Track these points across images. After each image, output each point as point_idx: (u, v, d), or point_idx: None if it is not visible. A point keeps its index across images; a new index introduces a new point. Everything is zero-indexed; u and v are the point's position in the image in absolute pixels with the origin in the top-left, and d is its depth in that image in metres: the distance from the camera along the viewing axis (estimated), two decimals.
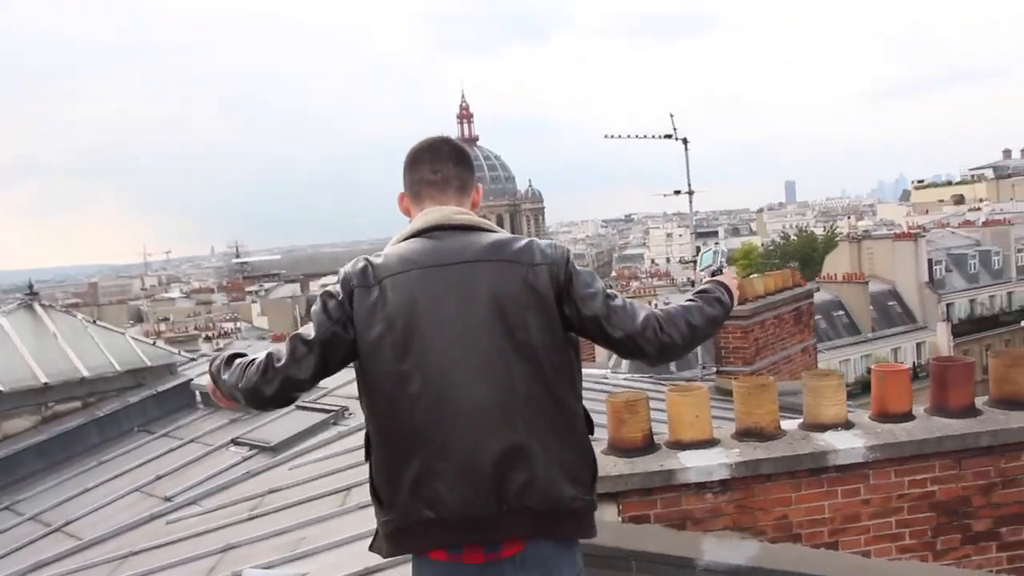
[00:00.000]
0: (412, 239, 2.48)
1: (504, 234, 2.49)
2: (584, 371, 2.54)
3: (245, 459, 8.15)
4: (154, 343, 10.97)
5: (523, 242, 2.45)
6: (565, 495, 2.34)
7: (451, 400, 2.30)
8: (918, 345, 45.92)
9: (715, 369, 10.71)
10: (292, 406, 7.97)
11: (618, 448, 4.05)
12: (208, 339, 51.06)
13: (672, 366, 14.19)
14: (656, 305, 34.31)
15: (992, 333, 49.69)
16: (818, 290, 23.69)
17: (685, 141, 10.17)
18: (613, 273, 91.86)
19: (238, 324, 59.14)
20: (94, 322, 11.08)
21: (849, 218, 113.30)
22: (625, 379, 10.87)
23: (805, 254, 72.18)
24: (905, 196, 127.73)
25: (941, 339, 47.49)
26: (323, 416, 8.25)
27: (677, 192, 10.42)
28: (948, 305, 48.76)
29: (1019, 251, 51.61)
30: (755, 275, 12.44)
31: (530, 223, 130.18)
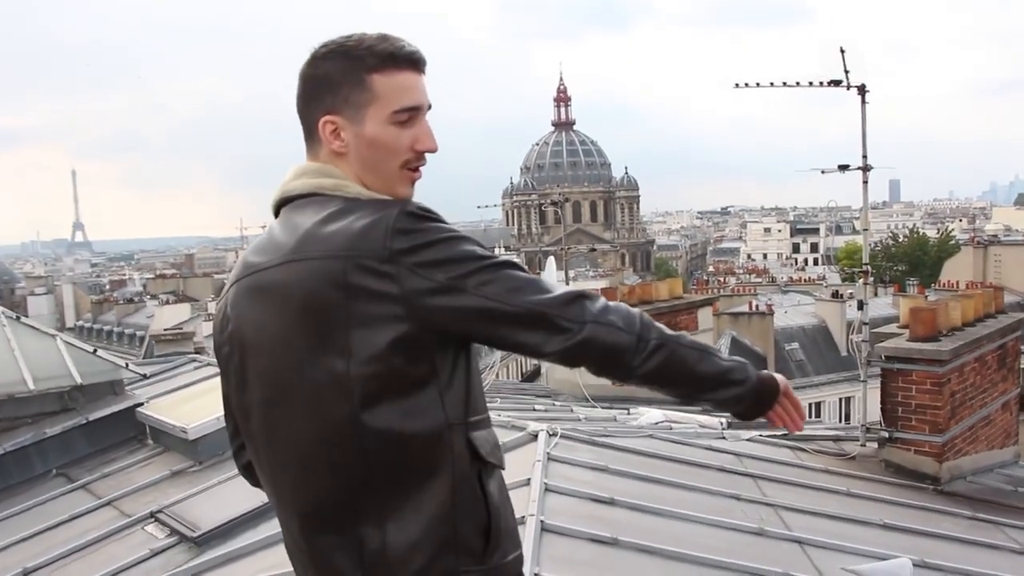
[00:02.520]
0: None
1: (335, 205, 1.81)
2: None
3: (154, 553, 5.18)
4: (95, 351, 7.86)
5: (345, 220, 1.76)
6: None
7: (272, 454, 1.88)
8: None
9: (886, 435, 7.32)
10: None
11: None
12: None
13: (814, 425, 10.70)
14: (757, 307, 30.45)
15: None
16: None
17: (862, 89, 6.80)
18: (710, 268, 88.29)
19: None
20: (18, 319, 8.12)
21: (960, 220, 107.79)
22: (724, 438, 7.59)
23: (916, 257, 68.02)
24: (1021, 200, 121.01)
25: None
26: None
27: (844, 167, 6.98)
28: None
29: None
30: (943, 296, 9.05)
31: (624, 211, 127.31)
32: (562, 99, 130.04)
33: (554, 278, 9.53)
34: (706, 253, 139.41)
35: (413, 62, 1.87)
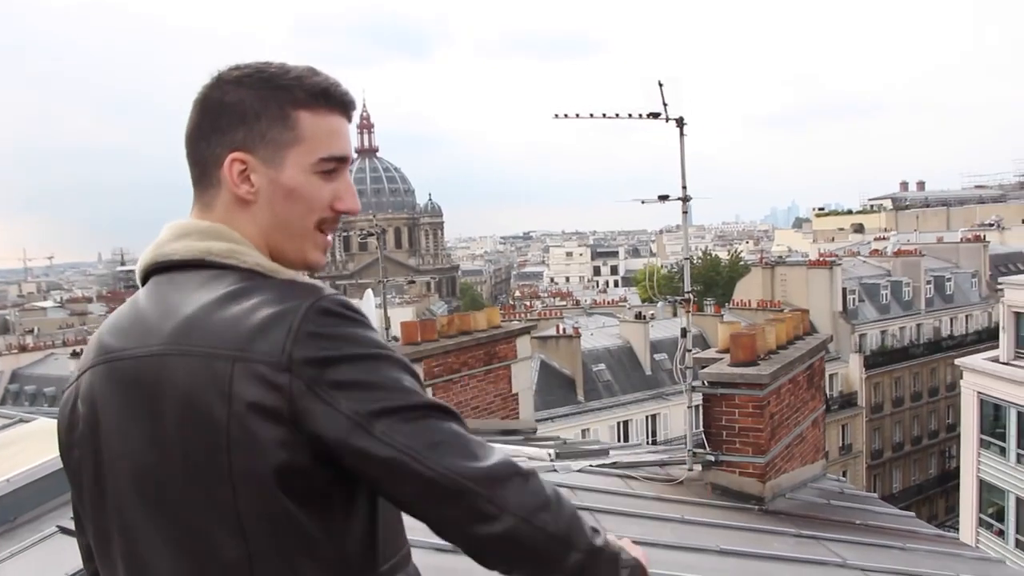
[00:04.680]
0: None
1: (228, 283, 1.44)
2: None
3: None
4: None
5: (241, 306, 1.39)
6: None
7: None
8: (831, 376, 44.35)
9: (711, 458, 7.43)
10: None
11: None
12: (76, 355, 46.91)
13: (638, 451, 10.88)
14: (564, 330, 31.09)
15: (902, 366, 48.89)
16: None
17: (680, 122, 6.88)
18: (515, 292, 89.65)
19: None
20: None
21: (747, 242, 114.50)
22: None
23: (709, 278, 71.42)
24: (797, 224, 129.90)
25: (854, 370, 46.43)
26: None
27: (664, 198, 7.06)
28: (861, 336, 47.57)
29: (928, 283, 50.89)
30: (758, 323, 9.35)
31: (429, 237, 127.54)
32: (365, 126, 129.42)
33: (373, 311, 9.23)
34: (510, 277, 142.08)
35: (344, 105, 1.57)
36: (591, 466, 7.68)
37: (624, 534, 5.58)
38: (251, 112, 1.49)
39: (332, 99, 1.54)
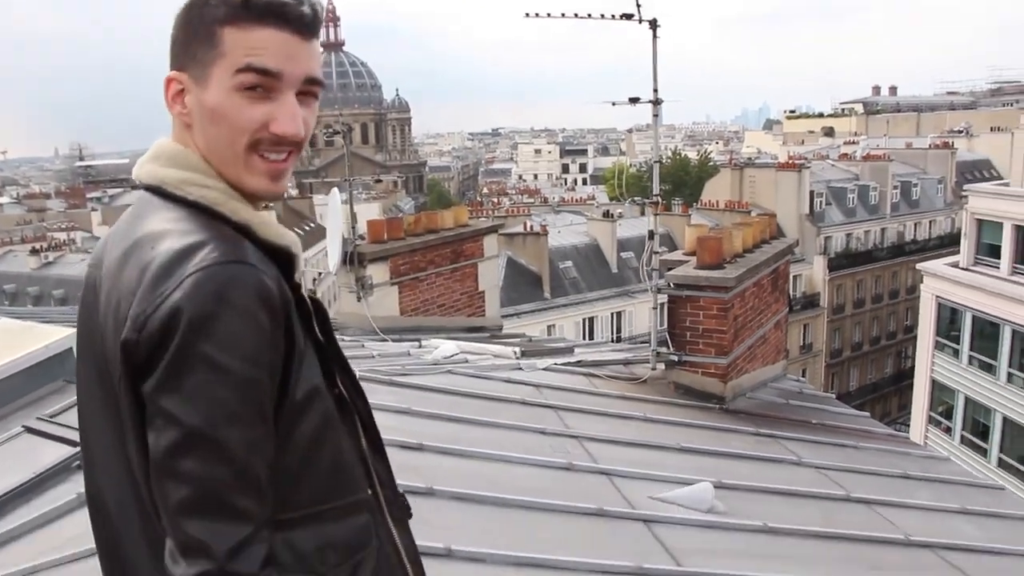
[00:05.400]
0: None
1: (169, 219, 1.43)
2: None
3: None
4: None
5: (155, 251, 1.37)
6: None
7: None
8: (795, 278, 44.87)
9: (675, 358, 7.54)
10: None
11: None
12: (36, 251, 46.20)
13: (603, 349, 10.99)
14: (531, 228, 30.77)
15: (865, 268, 49.53)
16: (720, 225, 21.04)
17: (654, 24, 6.75)
18: (483, 189, 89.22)
19: (73, 235, 54.41)
20: None
21: (717, 143, 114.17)
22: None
23: (678, 177, 71.36)
24: (768, 125, 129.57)
25: (818, 272, 46.97)
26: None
27: (635, 100, 6.97)
28: (826, 239, 48.02)
29: (895, 188, 51.18)
30: (725, 226, 9.36)
31: (396, 133, 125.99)
32: (330, 19, 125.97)
33: (339, 208, 9.16)
34: (478, 174, 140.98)
35: (281, 16, 1.45)
36: (556, 364, 7.77)
37: (588, 432, 5.72)
38: (188, 33, 1.47)
39: (255, 9, 1.43)
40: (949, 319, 27.98)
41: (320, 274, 33.54)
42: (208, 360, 1.27)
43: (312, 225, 53.95)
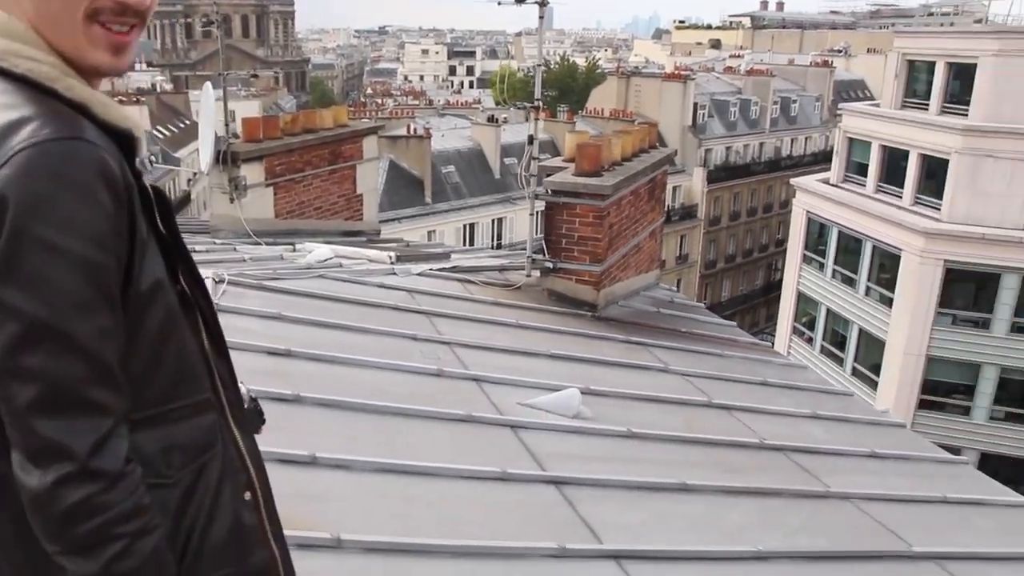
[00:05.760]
0: None
1: None
2: None
3: None
4: None
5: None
6: None
7: None
8: (674, 189, 45.68)
9: (550, 265, 7.58)
10: None
11: None
12: None
13: (480, 255, 10.99)
14: (415, 131, 30.02)
15: (742, 181, 50.70)
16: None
17: None
18: (368, 89, 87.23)
19: None
20: None
21: (606, 50, 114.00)
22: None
23: (565, 84, 71.20)
24: (658, 35, 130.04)
25: (696, 184, 47.87)
26: None
27: (521, 1, 6.84)
28: (707, 151, 48.87)
29: (775, 103, 52.24)
30: (605, 133, 9.39)
31: (278, 27, 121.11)
32: None
33: (212, 105, 8.79)
34: (363, 73, 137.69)
35: None
36: (431, 270, 7.73)
37: (460, 338, 5.72)
38: None
39: None
40: (818, 234, 29.02)
41: (195, 174, 32.43)
42: (46, 244, 1.15)
43: (187, 122, 51.90)
